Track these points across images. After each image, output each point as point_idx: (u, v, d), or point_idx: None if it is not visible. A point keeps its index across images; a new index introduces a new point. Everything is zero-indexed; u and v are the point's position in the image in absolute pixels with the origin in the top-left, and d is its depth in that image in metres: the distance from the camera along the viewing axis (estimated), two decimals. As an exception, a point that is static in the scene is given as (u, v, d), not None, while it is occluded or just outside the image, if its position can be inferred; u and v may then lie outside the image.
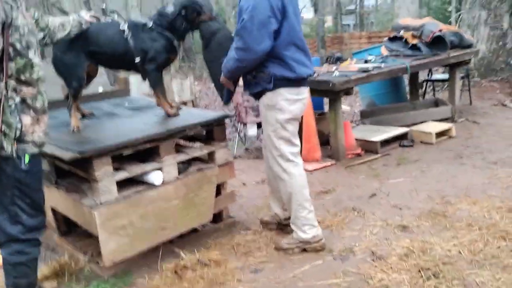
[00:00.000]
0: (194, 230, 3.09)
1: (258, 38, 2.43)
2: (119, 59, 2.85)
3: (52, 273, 2.67)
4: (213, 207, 3.00)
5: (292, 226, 2.82)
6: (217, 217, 3.19)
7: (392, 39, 5.78)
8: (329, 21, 27.28)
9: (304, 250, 2.79)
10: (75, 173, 2.69)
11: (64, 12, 8.38)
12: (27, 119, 1.99)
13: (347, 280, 2.44)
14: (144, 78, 2.92)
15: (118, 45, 2.78)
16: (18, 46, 1.94)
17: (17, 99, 1.96)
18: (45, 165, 2.85)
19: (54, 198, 2.91)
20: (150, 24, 2.81)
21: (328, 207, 3.45)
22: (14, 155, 1.95)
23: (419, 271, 2.44)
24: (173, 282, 2.54)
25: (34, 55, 2.02)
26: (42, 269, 2.66)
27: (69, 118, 2.87)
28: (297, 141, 2.75)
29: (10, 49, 1.92)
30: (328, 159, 4.57)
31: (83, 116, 3.13)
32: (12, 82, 1.94)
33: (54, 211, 3.08)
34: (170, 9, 2.84)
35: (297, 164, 2.73)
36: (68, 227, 3.19)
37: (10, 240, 2.06)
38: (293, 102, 2.64)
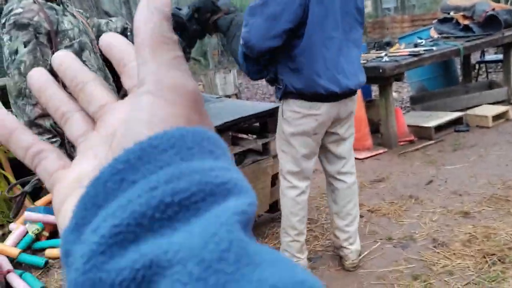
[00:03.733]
0: (251, 220, 3.16)
1: (264, 32, 2.00)
2: None
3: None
4: (269, 197, 3.05)
5: None
6: (272, 207, 3.23)
7: (442, 21, 5.59)
8: (368, 6, 26.60)
9: None
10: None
11: (110, 16, 8.72)
12: None
13: (409, 267, 2.43)
14: None
15: None
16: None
17: None
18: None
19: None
20: None
21: (383, 195, 3.42)
22: None
23: (484, 256, 2.39)
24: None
25: (89, 56, 1.93)
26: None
27: None
28: (306, 164, 2.36)
29: None
30: (379, 147, 4.51)
31: None
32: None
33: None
34: (184, 11, 2.46)
35: (293, 187, 2.39)
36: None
37: None
38: (302, 117, 2.25)
